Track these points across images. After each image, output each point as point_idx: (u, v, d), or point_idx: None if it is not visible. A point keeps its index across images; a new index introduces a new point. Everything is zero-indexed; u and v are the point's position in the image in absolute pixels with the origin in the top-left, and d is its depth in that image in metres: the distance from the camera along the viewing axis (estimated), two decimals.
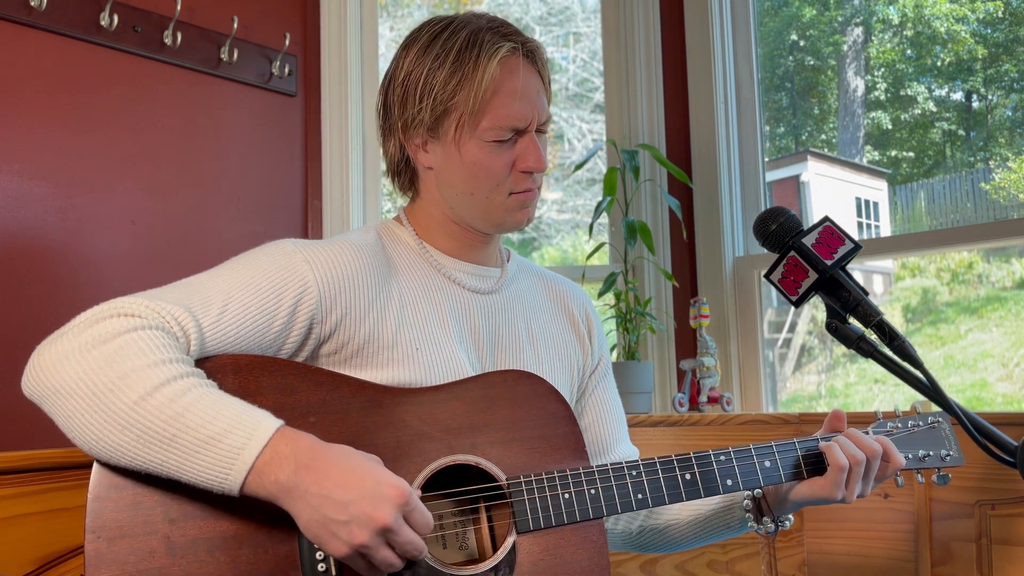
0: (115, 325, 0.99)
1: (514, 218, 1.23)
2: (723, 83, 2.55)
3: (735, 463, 1.20)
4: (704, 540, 1.35)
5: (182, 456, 0.94)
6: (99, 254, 2.06)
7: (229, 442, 0.93)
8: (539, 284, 1.38)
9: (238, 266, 1.12)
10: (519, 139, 1.20)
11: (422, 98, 1.17)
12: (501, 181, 1.20)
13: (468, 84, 1.15)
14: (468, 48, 1.16)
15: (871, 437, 1.22)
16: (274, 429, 0.95)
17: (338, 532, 0.93)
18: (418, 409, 1.11)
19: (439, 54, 1.17)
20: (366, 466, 0.96)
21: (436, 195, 1.25)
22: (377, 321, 1.16)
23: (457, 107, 1.16)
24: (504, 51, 1.17)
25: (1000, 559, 1.63)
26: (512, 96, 1.17)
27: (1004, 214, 2.28)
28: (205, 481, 0.94)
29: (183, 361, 0.99)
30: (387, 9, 2.81)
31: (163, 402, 0.94)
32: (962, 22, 2.37)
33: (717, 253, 2.49)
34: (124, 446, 0.95)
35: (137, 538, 0.97)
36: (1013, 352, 2.30)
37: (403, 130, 1.22)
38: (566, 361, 1.34)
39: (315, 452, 0.95)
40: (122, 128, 2.13)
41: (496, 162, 1.19)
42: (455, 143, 1.18)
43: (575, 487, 1.13)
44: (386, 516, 0.92)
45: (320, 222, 2.48)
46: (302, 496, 0.93)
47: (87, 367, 0.96)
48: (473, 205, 1.22)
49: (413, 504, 0.95)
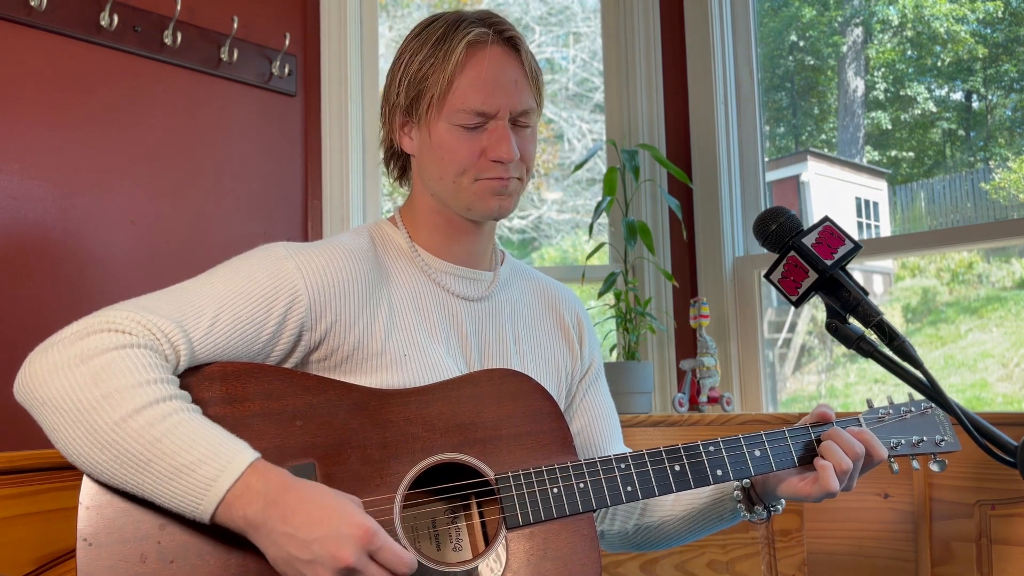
0: (104, 340, 0.99)
1: (484, 204, 1.21)
2: (723, 83, 2.55)
3: (724, 453, 1.19)
4: (699, 533, 1.35)
5: (156, 481, 0.95)
6: (99, 254, 2.06)
7: (202, 473, 0.94)
8: (531, 289, 1.38)
9: (230, 273, 1.12)
10: (490, 127, 1.19)
11: (401, 81, 1.21)
12: (468, 167, 1.19)
13: (438, 66, 1.18)
14: (445, 34, 1.19)
15: (853, 437, 1.20)
16: (247, 463, 0.95)
17: (303, 571, 0.93)
18: (405, 410, 1.12)
19: (423, 43, 1.20)
20: (334, 504, 0.95)
21: (419, 184, 1.27)
22: (367, 328, 1.16)
23: (428, 89, 1.18)
24: (473, 35, 1.18)
25: (1000, 559, 1.63)
26: (477, 80, 1.17)
27: (1004, 214, 2.28)
28: (177, 507, 0.96)
29: (168, 382, 1.00)
30: (387, 9, 2.81)
31: (143, 425, 0.95)
32: (962, 22, 2.37)
33: (717, 253, 2.49)
34: (102, 464, 0.96)
35: (128, 544, 0.98)
36: (1013, 352, 2.30)
37: (389, 114, 1.25)
38: (553, 367, 1.34)
39: (285, 488, 0.95)
40: (122, 128, 2.13)
41: (462, 147, 1.19)
42: (426, 125, 1.20)
43: (564, 482, 1.13)
44: (348, 555, 0.92)
45: (320, 222, 2.48)
46: (268, 533, 0.94)
47: (73, 382, 0.97)
48: (444, 190, 1.23)
49: (380, 543, 0.94)
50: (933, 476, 1.72)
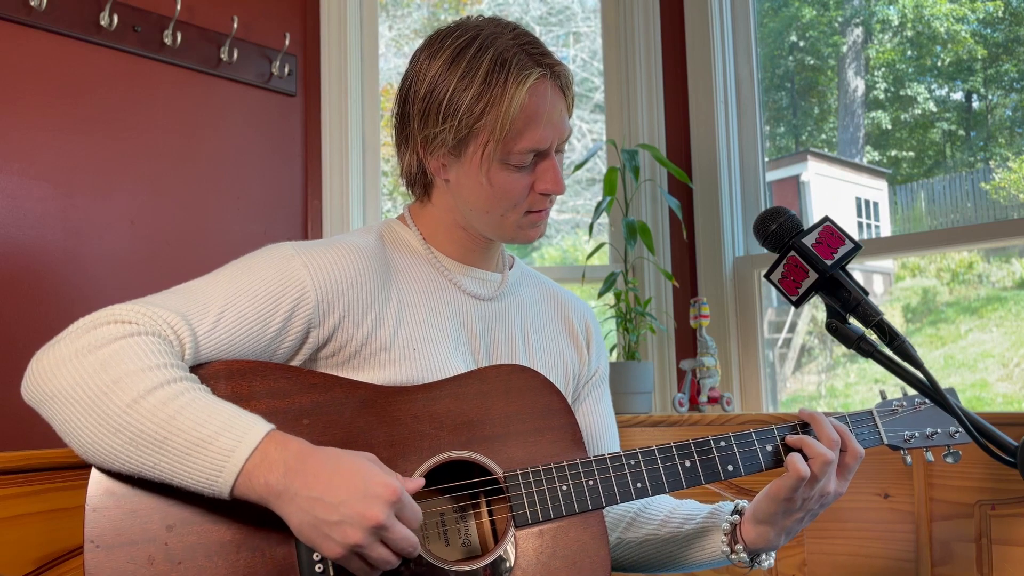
0: (110, 331, 1.00)
1: (525, 235, 1.24)
2: (723, 83, 2.55)
3: (735, 448, 1.19)
4: (679, 566, 1.32)
5: (173, 459, 0.94)
6: (99, 254, 2.06)
7: (219, 445, 0.94)
8: (541, 293, 1.38)
9: (237, 271, 1.12)
10: (539, 161, 1.19)
11: (446, 118, 1.14)
12: (519, 202, 1.19)
13: (495, 110, 1.13)
14: (496, 70, 1.13)
15: (833, 429, 1.19)
16: (264, 433, 0.96)
17: (331, 533, 0.93)
18: (412, 407, 1.11)
19: (465, 73, 1.14)
20: (356, 466, 0.96)
21: (450, 203, 1.24)
22: (375, 324, 1.16)
23: (483, 130, 1.14)
24: (534, 78, 1.14)
25: (1000, 559, 1.63)
26: (539, 123, 1.15)
27: (1004, 214, 2.28)
28: (196, 484, 0.95)
29: (177, 366, 1.00)
30: (387, 9, 2.81)
31: (155, 405, 0.95)
32: (962, 22, 2.37)
33: (717, 253, 2.49)
34: (117, 449, 0.95)
35: (136, 546, 0.97)
36: (1013, 352, 2.30)
37: (423, 145, 1.19)
38: (561, 367, 1.34)
39: (304, 455, 0.95)
40: (122, 128, 2.13)
41: (516, 185, 1.18)
42: (478, 166, 1.17)
43: (573, 479, 1.13)
44: (378, 514, 0.92)
45: (320, 222, 2.48)
46: (292, 499, 0.94)
47: (82, 372, 0.96)
48: (487, 222, 1.22)
49: (404, 500, 0.95)
50: (933, 476, 1.72)
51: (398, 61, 2.79)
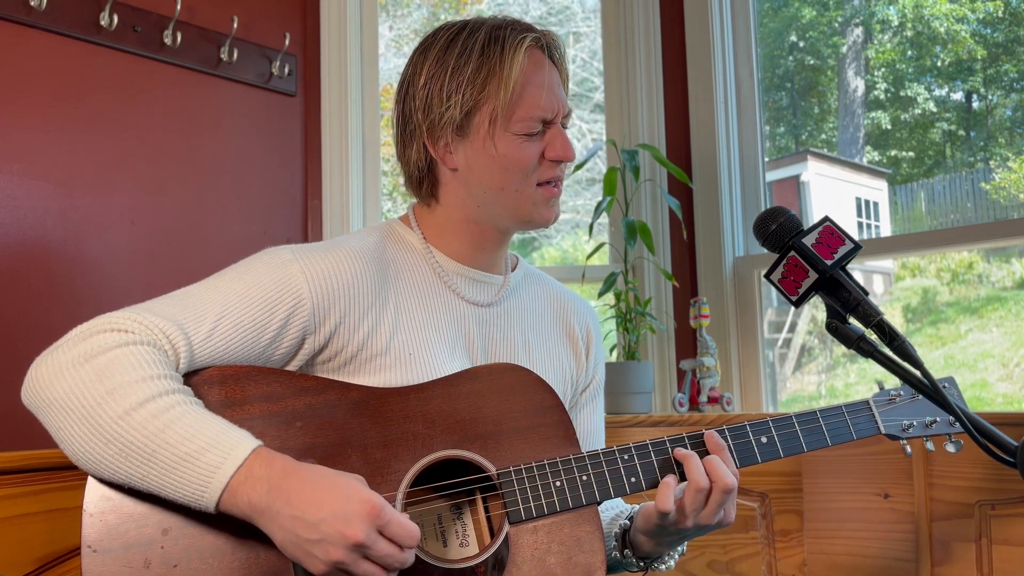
0: (106, 340, 1.00)
1: (541, 214, 1.24)
2: (723, 83, 2.55)
3: (730, 441, 1.19)
4: (612, 567, 1.29)
5: (161, 472, 0.95)
6: (99, 254, 2.06)
7: (206, 461, 0.95)
8: (543, 295, 1.37)
9: (234, 277, 1.12)
10: (547, 131, 1.21)
11: (449, 96, 1.17)
12: (530, 172, 1.20)
13: (495, 78, 1.16)
14: (491, 43, 1.17)
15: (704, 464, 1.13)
16: (250, 450, 0.96)
17: (313, 551, 0.93)
18: (404, 407, 1.12)
19: (462, 52, 1.18)
20: (338, 484, 0.96)
21: (462, 196, 1.24)
22: (372, 329, 1.16)
23: (488, 100, 1.17)
24: (528, 41, 1.18)
25: (1000, 559, 1.63)
26: (540, 87, 1.19)
27: (1004, 214, 2.28)
28: (182, 497, 0.96)
29: (170, 377, 1.00)
30: (387, 9, 2.81)
31: (146, 418, 0.96)
32: (962, 22, 2.37)
33: (717, 253, 2.49)
34: (108, 459, 0.96)
35: (132, 549, 0.98)
36: (1013, 352, 2.30)
37: (429, 132, 1.21)
38: (560, 372, 1.34)
39: (288, 473, 0.96)
40: (122, 128, 2.13)
41: (525, 152, 1.19)
42: (488, 137, 1.18)
43: (566, 475, 1.13)
44: (357, 532, 0.92)
45: (320, 222, 2.48)
46: (275, 517, 0.95)
47: (78, 381, 0.98)
48: (502, 201, 1.22)
49: (387, 517, 0.94)
50: (933, 476, 1.72)
51: (398, 61, 2.79)
